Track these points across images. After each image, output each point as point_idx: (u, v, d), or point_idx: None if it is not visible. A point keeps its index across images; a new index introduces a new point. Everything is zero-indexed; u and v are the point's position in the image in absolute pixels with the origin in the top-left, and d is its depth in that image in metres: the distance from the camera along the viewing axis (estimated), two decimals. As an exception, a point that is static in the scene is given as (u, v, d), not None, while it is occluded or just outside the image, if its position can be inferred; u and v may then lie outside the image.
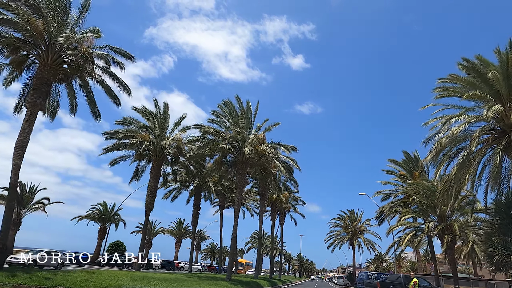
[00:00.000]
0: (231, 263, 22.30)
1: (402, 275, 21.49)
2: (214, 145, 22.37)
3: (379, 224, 33.35)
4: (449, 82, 18.73)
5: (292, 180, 37.41)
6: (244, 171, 24.67)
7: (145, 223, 25.77)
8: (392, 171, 33.04)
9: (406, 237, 24.62)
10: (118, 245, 50.08)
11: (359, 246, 54.51)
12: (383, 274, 25.18)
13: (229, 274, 21.92)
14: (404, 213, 25.57)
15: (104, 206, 42.03)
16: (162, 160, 27.07)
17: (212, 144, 22.45)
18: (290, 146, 25.95)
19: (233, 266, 22.40)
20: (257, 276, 31.23)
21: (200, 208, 36.30)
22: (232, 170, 26.57)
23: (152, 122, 26.28)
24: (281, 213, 51.72)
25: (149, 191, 25.86)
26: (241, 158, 24.66)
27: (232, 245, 22.99)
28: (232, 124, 22.98)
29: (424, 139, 18.96)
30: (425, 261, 77.41)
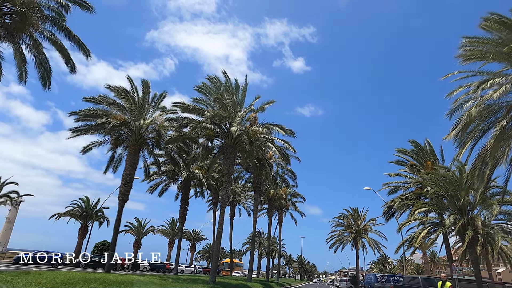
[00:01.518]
0: (215, 263, 18.86)
1: (420, 277, 18.05)
2: (196, 124, 18.97)
3: (386, 220, 29.86)
4: (475, 44, 15.40)
5: (290, 172, 34.03)
6: (233, 156, 21.27)
7: (118, 218, 22.34)
8: (401, 161, 29.56)
9: (420, 233, 21.12)
10: (105, 245, 46.76)
11: (363, 247, 50.91)
12: (395, 276, 21.73)
13: (212, 276, 18.48)
14: (417, 206, 22.10)
15: (86, 202, 38.65)
16: (140, 145, 23.70)
17: (194, 123, 19.05)
18: (288, 129, 22.51)
19: (217, 267, 19.00)
20: (250, 279, 27.75)
21: (188, 203, 32.88)
22: (220, 157, 23.17)
23: (128, 102, 22.91)
24: (279, 211, 48.18)
25: (124, 180, 22.48)
26: (229, 141, 21.29)
27: (217, 241, 19.57)
28: (217, 101, 19.64)
29: (449, 111, 15.56)
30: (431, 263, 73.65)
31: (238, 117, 19.68)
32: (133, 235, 49.61)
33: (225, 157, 21.36)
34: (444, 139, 16.14)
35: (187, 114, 21.71)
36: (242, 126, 20.85)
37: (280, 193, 40.19)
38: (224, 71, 21.15)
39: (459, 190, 21.52)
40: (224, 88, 20.64)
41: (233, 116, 20.31)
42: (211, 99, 21.08)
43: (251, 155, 24.41)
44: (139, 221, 49.91)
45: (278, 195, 40.36)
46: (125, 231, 48.55)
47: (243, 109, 21.50)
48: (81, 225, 38.10)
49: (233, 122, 19.72)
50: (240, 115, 19.72)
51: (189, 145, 24.30)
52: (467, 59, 15.35)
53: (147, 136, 24.02)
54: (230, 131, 21.00)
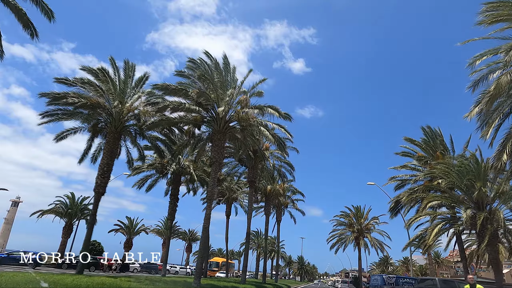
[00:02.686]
0: (200, 263, 16.47)
1: (438, 279, 15.72)
2: (178, 105, 16.61)
3: (392, 216, 27.42)
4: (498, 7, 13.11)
5: (288, 165, 31.59)
6: (222, 143, 18.92)
7: (93, 212, 20.02)
8: (408, 152, 27.15)
9: (434, 229, 18.69)
10: (94, 246, 44.48)
11: (366, 247, 48.44)
12: (404, 277, 19.33)
13: (197, 278, 16.11)
14: (429, 199, 19.68)
15: (71, 198, 36.26)
16: (120, 132, 21.38)
17: (175, 104, 16.68)
18: (283, 113, 20.11)
19: (202, 267, 16.64)
20: (244, 280, 25.34)
21: (178, 199, 30.51)
22: (210, 146, 20.80)
23: (106, 84, 20.57)
24: (277, 209, 45.76)
25: (101, 171, 20.14)
26: (218, 126, 18.95)
27: (203, 238, 17.18)
28: (203, 79, 17.30)
29: (472, 83, 13.22)
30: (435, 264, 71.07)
31: (227, 97, 17.30)
32: (124, 235, 47.16)
33: (214, 144, 19.00)
34: (465, 118, 13.82)
35: (174, 98, 19.38)
36: (232, 107, 18.53)
37: (278, 189, 37.74)
38: (206, 51, 18.68)
39: (476, 181, 19.14)
40: (210, 67, 18.25)
41: (222, 97, 17.96)
42: (196, 83, 18.70)
43: (243, 145, 22.05)
44: (130, 220, 47.48)
45: (275, 192, 37.92)
46: (115, 231, 46.09)
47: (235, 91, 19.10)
48: (65, 224, 35.72)
49: (221, 103, 17.35)
50: (228, 93, 17.34)
51: (174, 133, 21.90)
52: (493, 21, 12.99)
53: (128, 123, 21.76)
54: (218, 115, 18.68)
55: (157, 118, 19.09)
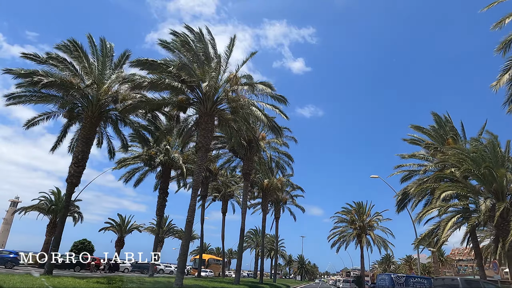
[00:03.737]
0: (182, 261, 14.37)
1: (459, 278, 13.62)
2: (157, 81, 14.43)
3: (398, 211, 25.24)
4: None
5: (286, 156, 29.40)
6: (210, 127, 16.77)
7: (66, 205, 17.92)
8: (416, 140, 24.98)
9: (448, 222, 16.55)
10: (84, 244, 42.28)
11: (368, 245, 46.32)
12: (415, 277, 17.17)
13: (179, 278, 13.99)
14: (442, 189, 17.50)
15: (56, 194, 34.16)
16: (98, 118, 19.25)
17: (155, 80, 14.50)
18: (278, 95, 17.98)
19: (185, 266, 14.51)
20: (237, 281, 23.24)
21: (168, 193, 28.40)
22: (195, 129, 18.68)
23: (81, 62, 18.43)
24: (276, 205, 43.63)
25: (75, 159, 18.04)
26: (205, 108, 16.81)
27: (186, 233, 15.07)
28: (186, 48, 15.14)
29: (501, 44, 11.05)
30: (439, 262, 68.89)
31: (212, 71, 15.17)
32: (116, 233, 45.07)
33: (200, 127, 16.87)
34: (492, 87, 11.69)
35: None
36: (219, 86, 16.41)
37: (276, 184, 35.55)
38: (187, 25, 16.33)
39: (495, 168, 17.01)
40: (193, 41, 16.03)
41: (208, 72, 15.77)
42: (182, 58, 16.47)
43: (235, 131, 19.94)
44: (122, 217, 45.40)
45: (273, 186, 35.76)
46: (105, 229, 43.98)
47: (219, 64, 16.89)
48: (50, 221, 33.63)
49: (206, 76, 15.19)
50: (213, 65, 15.21)
51: (160, 121, 19.80)
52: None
53: (107, 107, 19.63)
54: (205, 95, 16.58)
55: (137, 100, 16.94)
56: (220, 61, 15.74)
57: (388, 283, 16.57)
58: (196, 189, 15.96)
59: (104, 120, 21.16)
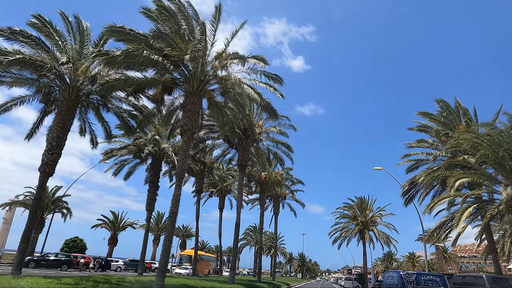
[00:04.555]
0: (165, 257, 12.63)
1: (485, 275, 11.90)
2: (133, 50, 12.60)
3: (406, 203, 23.49)
4: None
5: (285, 146, 27.54)
6: (196, 108, 14.98)
7: (38, 196, 16.19)
8: (423, 127, 23.16)
9: (464, 212, 14.79)
10: (76, 242, 40.76)
11: (370, 241, 44.62)
12: (426, 274, 15.37)
13: (160, 277, 12.26)
14: (457, 176, 15.71)
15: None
16: (76, 102, 17.45)
17: (131, 49, 12.67)
18: (273, 74, 16.17)
19: (167, 264, 12.80)
20: (232, 279, 21.52)
21: (158, 187, 26.69)
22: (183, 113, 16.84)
23: (54, 40, 16.64)
24: (275, 200, 41.84)
25: (49, 146, 16.30)
26: (191, 87, 15.02)
27: (170, 225, 13.35)
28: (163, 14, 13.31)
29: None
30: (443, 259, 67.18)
31: (199, 45, 13.37)
32: (109, 230, 43.42)
33: (186, 109, 15.07)
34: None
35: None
36: (206, 62, 14.60)
37: (274, 177, 33.79)
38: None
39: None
40: (177, 10, 14.16)
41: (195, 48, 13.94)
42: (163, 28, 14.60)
43: (227, 116, 18.17)
44: (115, 214, 43.74)
45: (271, 180, 33.99)
46: (97, 226, 42.33)
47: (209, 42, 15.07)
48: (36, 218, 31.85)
49: (189, 46, 13.36)
50: (197, 35, 13.41)
51: (146, 109, 17.96)
52: None
53: (86, 90, 17.85)
54: (191, 73, 14.80)
55: (116, 77, 15.15)
56: (205, 30, 13.91)
57: (397, 281, 14.81)
58: (181, 177, 14.19)
59: (86, 106, 19.46)
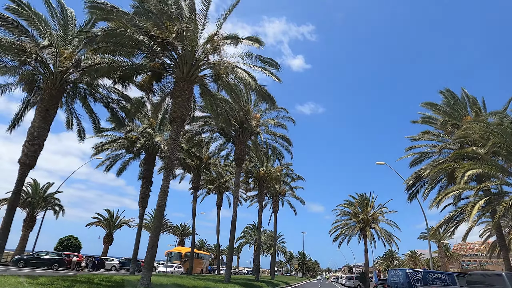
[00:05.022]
0: (150, 255, 11.58)
1: (505, 273, 10.86)
2: (114, 29, 11.53)
3: (410, 198, 22.37)
4: None
5: (283, 139, 26.42)
6: (186, 94, 13.88)
7: (16, 190, 15.14)
8: (428, 119, 22.07)
9: (475, 205, 13.73)
10: (70, 241, 39.76)
11: (372, 239, 43.56)
12: (434, 272, 14.27)
13: (145, 276, 11.22)
14: (466, 167, 14.63)
15: (33, 185, 31.40)
16: (60, 90, 16.39)
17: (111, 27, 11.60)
18: (268, 59, 15.08)
19: (153, 261, 11.76)
20: (228, 278, 20.52)
21: (152, 182, 25.65)
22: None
23: (33, 23, 15.58)
24: (274, 197, 40.82)
25: (30, 136, 15.19)
26: (180, 71, 13.96)
27: (156, 219, 12.28)
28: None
29: None
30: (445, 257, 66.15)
31: (188, 24, 12.28)
32: (104, 229, 42.40)
33: (175, 95, 14.00)
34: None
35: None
36: (197, 44, 13.52)
37: (273, 173, 32.74)
38: None
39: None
40: None
41: (184, 27, 12.86)
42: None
43: (220, 106, 17.10)
44: (110, 212, 42.71)
45: (270, 175, 32.92)
46: (91, 224, 41.31)
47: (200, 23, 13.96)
48: (26, 215, 30.89)
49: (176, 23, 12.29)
50: (186, 13, 12.33)
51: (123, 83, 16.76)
52: None
53: (71, 78, 16.80)
54: (181, 57, 13.74)
55: (99, 60, 14.08)
56: (195, 7, 12.80)
57: (402, 280, 13.74)
58: (169, 168, 13.12)
59: (72, 96, 18.45)
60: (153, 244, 11.76)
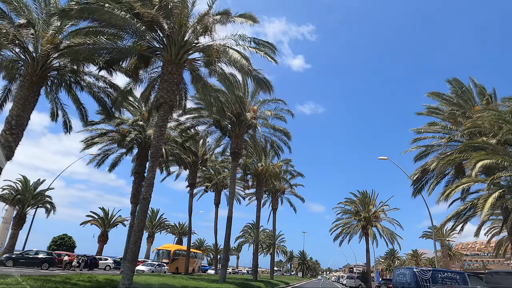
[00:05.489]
0: (133, 252, 10.49)
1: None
2: (94, 2, 10.44)
3: (415, 194, 21.20)
4: None
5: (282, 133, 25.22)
6: (174, 78, 12.78)
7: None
8: (434, 110, 20.93)
9: (489, 197, 12.63)
10: (64, 240, 38.71)
11: (374, 238, 42.45)
12: (444, 271, 13.14)
13: (127, 276, 10.14)
14: (479, 157, 13.53)
15: (23, 182, 30.31)
16: (42, 77, 15.27)
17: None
18: (264, 41, 13.98)
19: (136, 259, 10.64)
20: (223, 278, 19.41)
21: (144, 178, 24.41)
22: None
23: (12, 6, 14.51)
24: (273, 194, 39.71)
25: (7, 125, 14.09)
26: (168, 54, 12.87)
27: (140, 214, 11.18)
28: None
29: None
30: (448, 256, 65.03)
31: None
32: (99, 227, 41.32)
33: (163, 79, 12.90)
34: None
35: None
36: (187, 23, 12.42)
37: (272, 169, 31.64)
38: None
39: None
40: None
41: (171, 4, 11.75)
42: None
43: (213, 93, 15.99)
44: (105, 210, 41.62)
45: (269, 172, 31.83)
46: (85, 223, 40.19)
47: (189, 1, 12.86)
48: (16, 212, 29.83)
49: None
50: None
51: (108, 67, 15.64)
52: None
53: (54, 64, 15.73)
54: (169, 38, 12.66)
55: (80, 41, 12.98)
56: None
57: (409, 279, 12.65)
58: (155, 158, 12.02)
59: (57, 85, 17.33)
60: (136, 240, 10.66)
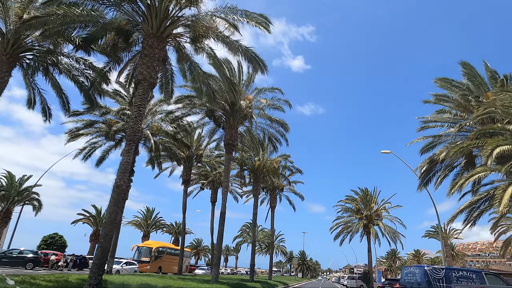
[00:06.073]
0: (103, 248, 9.03)
1: None
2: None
3: (420, 187, 19.79)
4: None
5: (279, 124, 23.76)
6: (155, 53, 11.37)
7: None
8: (443, 97, 19.47)
9: (507, 188, 11.21)
10: (55, 239, 37.24)
11: (376, 237, 40.92)
12: (459, 270, 11.70)
13: (94, 275, 8.72)
14: (496, 143, 12.10)
15: (8, 178, 28.89)
16: (15, 56, 13.94)
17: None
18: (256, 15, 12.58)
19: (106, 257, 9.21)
20: (215, 279, 17.97)
21: (134, 172, 22.80)
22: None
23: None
24: (271, 192, 38.26)
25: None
26: (149, 26, 11.47)
27: (113, 204, 9.71)
28: None
29: None
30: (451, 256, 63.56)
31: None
32: (91, 226, 39.90)
33: (143, 54, 11.49)
34: None
35: None
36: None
37: (270, 164, 30.18)
38: None
39: None
40: None
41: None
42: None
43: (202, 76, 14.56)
44: (98, 209, 40.20)
45: (266, 167, 30.39)
46: (76, 221, 38.76)
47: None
48: (1, 210, 28.41)
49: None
50: None
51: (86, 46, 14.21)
52: None
53: (27, 42, 14.35)
54: (149, 7, 11.25)
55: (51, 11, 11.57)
56: None
57: (420, 279, 11.22)
58: (131, 140, 10.60)
59: (34, 68, 15.93)
60: (106, 233, 9.22)
